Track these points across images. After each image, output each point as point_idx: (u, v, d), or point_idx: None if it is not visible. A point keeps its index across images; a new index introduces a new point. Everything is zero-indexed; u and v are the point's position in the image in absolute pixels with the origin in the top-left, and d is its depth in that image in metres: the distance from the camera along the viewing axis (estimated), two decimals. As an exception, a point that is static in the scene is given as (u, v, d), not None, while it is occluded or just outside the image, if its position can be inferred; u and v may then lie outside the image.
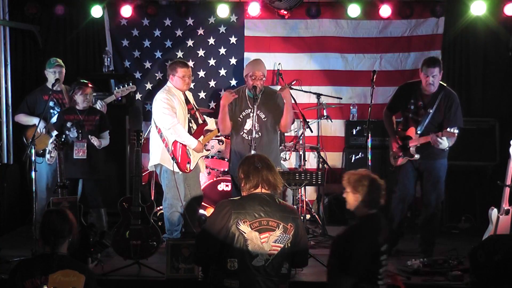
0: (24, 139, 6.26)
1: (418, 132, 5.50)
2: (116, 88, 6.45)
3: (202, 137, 5.80)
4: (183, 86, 5.69)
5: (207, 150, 5.99)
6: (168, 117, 5.56)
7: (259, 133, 5.37)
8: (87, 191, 5.92)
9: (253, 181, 3.50)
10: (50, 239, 3.31)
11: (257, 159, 3.57)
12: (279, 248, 3.41)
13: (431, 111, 5.48)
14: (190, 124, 5.74)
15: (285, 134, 6.99)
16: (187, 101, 5.79)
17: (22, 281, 3.21)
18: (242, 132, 5.47)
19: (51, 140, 5.99)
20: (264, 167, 3.52)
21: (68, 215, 3.42)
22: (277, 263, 3.41)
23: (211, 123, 6.01)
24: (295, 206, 3.69)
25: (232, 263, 3.34)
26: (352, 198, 3.51)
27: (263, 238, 3.38)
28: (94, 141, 5.80)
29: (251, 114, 5.38)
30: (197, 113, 5.90)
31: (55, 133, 6.00)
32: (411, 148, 5.51)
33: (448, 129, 5.21)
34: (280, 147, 6.55)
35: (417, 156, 5.50)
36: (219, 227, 3.37)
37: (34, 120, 6.13)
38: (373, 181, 3.50)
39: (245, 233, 3.35)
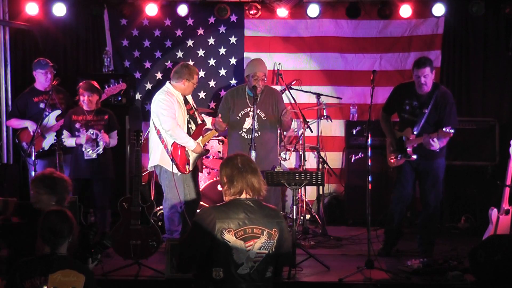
0: (17, 141, 6.27)
1: (415, 132, 5.50)
2: (106, 86, 6.44)
3: (201, 137, 5.80)
4: (191, 91, 5.74)
5: (207, 150, 5.97)
6: (167, 119, 5.54)
7: (259, 132, 5.37)
8: (96, 191, 5.89)
9: (237, 186, 3.37)
10: (50, 239, 3.31)
11: (240, 161, 3.42)
12: (264, 254, 3.33)
13: (426, 111, 5.48)
14: (189, 125, 5.74)
15: (284, 134, 7.00)
16: (186, 101, 5.79)
17: (21, 281, 3.21)
18: (241, 131, 5.47)
19: (46, 141, 6.00)
20: (249, 171, 3.39)
21: (68, 215, 3.42)
22: (262, 269, 3.34)
23: (209, 123, 6.00)
24: (277, 207, 3.58)
25: (217, 272, 3.26)
26: (47, 198, 3.88)
27: (248, 247, 3.29)
28: (104, 138, 5.77)
29: (250, 113, 5.38)
30: (196, 113, 5.89)
31: (50, 134, 6.00)
32: (408, 149, 5.52)
33: (444, 129, 5.21)
34: (281, 151, 6.55)
35: (414, 157, 5.51)
36: (203, 236, 3.28)
37: (26, 123, 6.13)
38: (61, 180, 3.96)
39: (229, 242, 3.26)
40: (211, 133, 5.92)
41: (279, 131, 6.05)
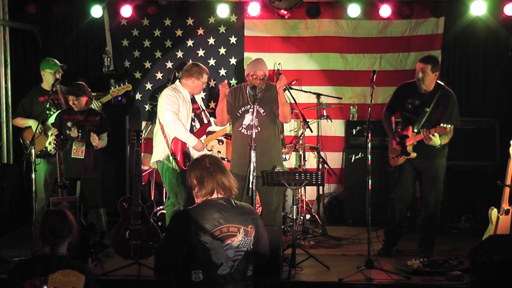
0: (21, 140, 6.27)
1: (415, 130, 5.51)
2: (112, 87, 6.45)
3: (204, 136, 5.84)
4: (200, 91, 5.81)
5: (209, 150, 6.01)
6: (169, 113, 5.62)
7: (258, 128, 5.37)
8: (86, 191, 5.92)
9: (207, 187, 3.36)
10: (50, 239, 3.31)
11: (208, 162, 3.42)
12: (242, 253, 3.32)
13: (428, 109, 5.49)
14: (193, 123, 5.80)
15: (285, 134, 6.99)
16: (193, 100, 5.85)
17: (21, 281, 3.21)
18: (241, 128, 5.48)
19: (49, 140, 6.00)
20: (218, 170, 3.39)
21: (68, 215, 3.42)
22: (243, 267, 3.33)
23: (215, 125, 6.03)
24: (250, 205, 3.58)
25: (197, 274, 3.24)
26: None
27: (226, 246, 3.28)
28: (94, 139, 5.78)
29: (250, 111, 5.39)
30: (202, 113, 5.95)
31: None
32: (408, 147, 5.53)
33: (441, 125, 5.22)
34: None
35: (414, 154, 5.51)
36: (178, 240, 3.27)
37: (30, 122, 6.14)
38: None
39: (207, 243, 3.25)
40: (215, 135, 5.95)
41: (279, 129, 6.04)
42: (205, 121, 5.93)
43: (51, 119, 6.10)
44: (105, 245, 5.52)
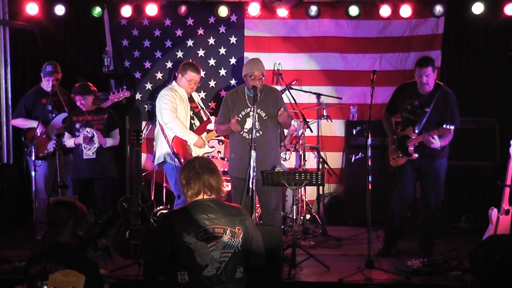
0: (23, 139, 6.27)
1: (416, 131, 5.51)
2: (111, 93, 6.47)
3: (205, 133, 5.86)
4: (187, 88, 5.82)
5: (211, 147, 6.03)
6: (167, 112, 5.65)
7: (260, 132, 5.38)
8: (97, 191, 5.91)
9: (194, 187, 3.38)
10: (51, 228, 3.45)
11: (198, 163, 3.43)
12: (229, 254, 3.31)
13: (428, 110, 5.49)
14: (192, 120, 5.83)
15: (285, 134, 7.00)
16: (191, 99, 5.88)
17: (28, 269, 3.35)
18: (242, 132, 5.48)
19: (51, 143, 6.01)
20: (205, 171, 3.40)
21: (67, 204, 3.51)
22: (230, 269, 3.32)
23: (212, 123, 6.04)
24: (240, 206, 3.59)
25: (182, 276, 3.25)
26: None
27: (211, 247, 3.28)
28: (98, 140, 5.77)
29: (251, 113, 5.39)
30: (201, 111, 5.97)
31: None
32: (409, 148, 5.53)
33: (444, 126, 5.22)
34: (281, 151, 6.55)
35: (416, 155, 5.51)
36: (162, 242, 3.29)
37: (33, 123, 6.13)
38: None
39: (191, 244, 3.25)
40: (212, 134, 5.95)
41: (279, 131, 6.05)
42: (205, 118, 5.95)
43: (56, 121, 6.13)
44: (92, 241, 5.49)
